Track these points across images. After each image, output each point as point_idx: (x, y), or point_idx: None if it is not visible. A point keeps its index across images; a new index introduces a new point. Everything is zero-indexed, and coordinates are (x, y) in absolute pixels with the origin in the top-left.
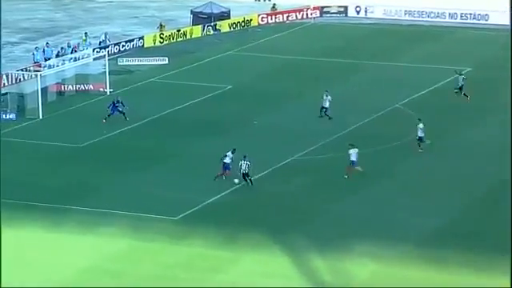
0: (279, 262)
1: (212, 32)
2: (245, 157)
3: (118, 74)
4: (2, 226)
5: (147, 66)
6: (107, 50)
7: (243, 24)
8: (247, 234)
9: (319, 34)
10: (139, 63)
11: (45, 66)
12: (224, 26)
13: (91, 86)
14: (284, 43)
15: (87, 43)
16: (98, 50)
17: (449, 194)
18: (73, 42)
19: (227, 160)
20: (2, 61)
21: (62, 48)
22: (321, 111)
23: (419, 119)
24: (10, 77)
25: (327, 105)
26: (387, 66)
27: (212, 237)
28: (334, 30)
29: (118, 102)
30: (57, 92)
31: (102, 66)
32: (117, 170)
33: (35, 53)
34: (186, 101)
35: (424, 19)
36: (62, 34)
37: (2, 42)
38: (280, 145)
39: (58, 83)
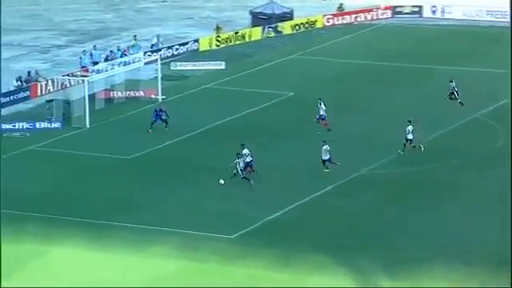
0: (343, 286)
1: (273, 34)
2: (239, 154)
3: (171, 79)
4: (43, 243)
5: (202, 70)
6: (159, 53)
7: (307, 25)
8: (309, 255)
9: (391, 37)
10: (194, 68)
11: (92, 71)
12: (286, 27)
13: (142, 93)
14: (352, 46)
15: (138, 46)
16: (150, 53)
17: None
18: (123, 45)
19: (248, 159)
20: (48, 65)
21: (111, 51)
22: (319, 120)
23: (409, 121)
24: (55, 82)
25: (322, 113)
26: (466, 72)
27: (271, 257)
28: (407, 31)
29: (160, 110)
30: (105, 99)
31: (153, 71)
32: (167, 184)
33: (82, 57)
34: (243, 109)
35: (506, 20)
36: (112, 37)
37: (48, 45)
38: (345, 158)
39: (106, 89)
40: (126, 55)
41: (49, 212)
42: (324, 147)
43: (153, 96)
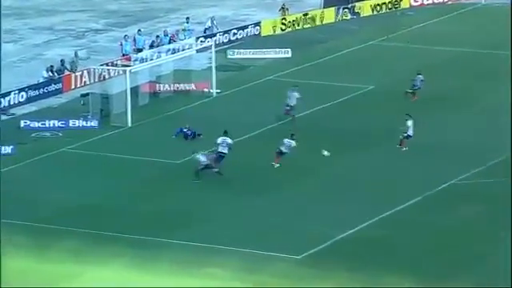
0: None
1: (349, 16)
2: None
3: (228, 70)
4: (77, 263)
5: (265, 60)
6: (214, 39)
7: (390, 5)
8: (389, 280)
9: (491, 19)
10: (254, 56)
11: (136, 60)
12: (365, 8)
13: (193, 86)
14: (444, 31)
15: (189, 31)
16: (203, 39)
17: None
18: (171, 30)
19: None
20: (83, 52)
21: (157, 37)
22: (287, 110)
23: (409, 115)
24: (92, 73)
25: (293, 103)
26: None
27: (342, 281)
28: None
29: (187, 129)
30: (150, 93)
31: (207, 60)
32: (224, 195)
33: (124, 43)
34: (314, 105)
35: None
36: (158, 19)
37: (84, 29)
38: (436, 164)
39: (151, 81)
40: (174, 41)
41: (84, 226)
42: (286, 141)
43: (206, 90)
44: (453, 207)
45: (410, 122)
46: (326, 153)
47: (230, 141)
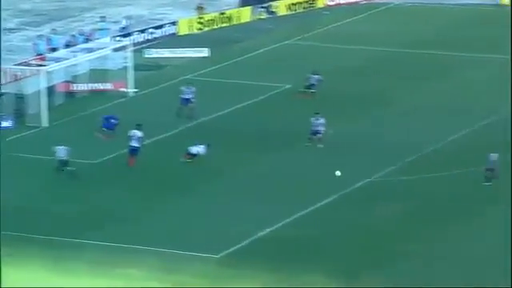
0: None
1: (265, 15)
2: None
3: (144, 69)
4: None
5: (182, 59)
6: (130, 38)
7: (306, 5)
8: (307, 278)
9: (406, 18)
10: (171, 56)
11: (50, 59)
12: (281, 7)
13: (109, 85)
14: (359, 30)
15: (105, 30)
16: (119, 38)
17: None
18: (86, 29)
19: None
20: None
21: (72, 36)
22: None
23: (317, 113)
24: (6, 73)
25: (188, 96)
26: (499, 60)
27: (264, 280)
28: (426, 12)
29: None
30: (66, 92)
31: (123, 60)
32: (142, 194)
33: (38, 42)
34: (231, 104)
35: None
36: (73, 18)
37: None
38: (353, 162)
39: (67, 81)
40: (90, 40)
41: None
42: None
43: (122, 89)
44: (369, 205)
45: (322, 120)
46: (338, 173)
47: (139, 134)
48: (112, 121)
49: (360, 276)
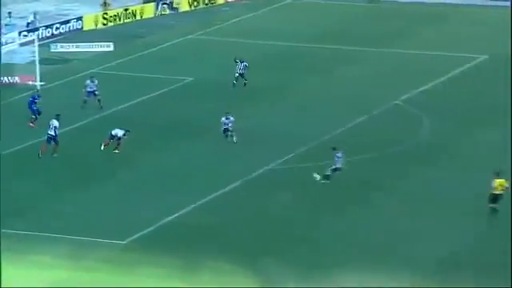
0: None
1: (168, 11)
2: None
3: (51, 63)
4: None
5: (87, 53)
6: (37, 33)
7: (207, 1)
8: (211, 262)
9: (303, 14)
10: (77, 50)
11: None
12: (183, 3)
13: (17, 79)
14: (258, 25)
15: (12, 25)
16: (26, 33)
17: (458, 213)
18: None
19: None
20: None
21: None
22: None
23: (227, 112)
24: None
25: (92, 89)
26: (386, 54)
27: (168, 265)
28: (322, 8)
29: (38, 97)
30: None
31: (30, 54)
32: (50, 184)
33: None
34: (135, 97)
35: None
36: None
37: None
38: (253, 151)
39: None
40: None
41: None
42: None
43: (30, 82)
44: (268, 192)
45: (231, 117)
46: (316, 176)
47: (56, 124)
48: (34, 105)
49: (260, 261)
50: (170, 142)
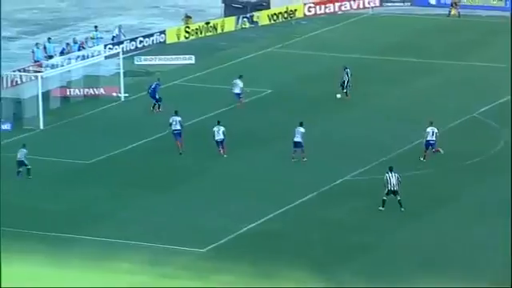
0: None
1: (248, 25)
2: None
3: (135, 75)
4: None
5: (169, 66)
6: (122, 46)
7: (286, 15)
8: (288, 271)
9: (379, 28)
10: (160, 63)
11: (47, 66)
12: (263, 17)
13: (102, 90)
14: (335, 38)
15: (98, 38)
16: (111, 46)
17: None
18: (80, 37)
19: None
20: None
21: (67, 44)
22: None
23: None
24: (5, 79)
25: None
26: (463, 66)
27: (246, 273)
28: (397, 22)
29: (159, 85)
30: (61, 97)
31: (115, 66)
32: (132, 192)
33: (35, 50)
34: (215, 108)
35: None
36: (68, 28)
37: None
38: (331, 162)
39: (62, 87)
40: (83, 48)
41: None
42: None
43: (114, 94)
44: (344, 202)
45: (301, 130)
46: (338, 95)
47: (179, 118)
48: (155, 93)
49: (332, 269)
50: (247, 152)
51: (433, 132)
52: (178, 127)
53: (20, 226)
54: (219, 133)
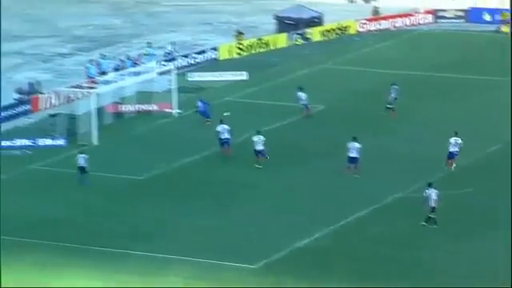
0: None
1: (300, 41)
2: None
3: (187, 91)
4: (43, 274)
5: (222, 82)
6: (174, 63)
7: (338, 31)
8: (340, 287)
9: (432, 44)
10: (212, 79)
11: (101, 82)
12: (315, 33)
13: (155, 106)
14: (388, 55)
15: (151, 55)
16: (164, 62)
17: None
18: (134, 54)
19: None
20: (51, 76)
21: (121, 60)
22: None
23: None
24: (59, 95)
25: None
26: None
27: None
28: (451, 38)
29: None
30: (114, 113)
31: (168, 83)
32: (184, 207)
33: (89, 66)
34: (268, 124)
35: None
36: (121, 44)
37: (51, 53)
38: (384, 178)
39: (115, 103)
40: (137, 64)
41: (51, 239)
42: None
43: (167, 110)
44: (399, 220)
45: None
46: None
47: (227, 126)
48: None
49: (388, 285)
50: (299, 168)
51: (456, 142)
52: (227, 135)
53: (74, 241)
54: (259, 143)
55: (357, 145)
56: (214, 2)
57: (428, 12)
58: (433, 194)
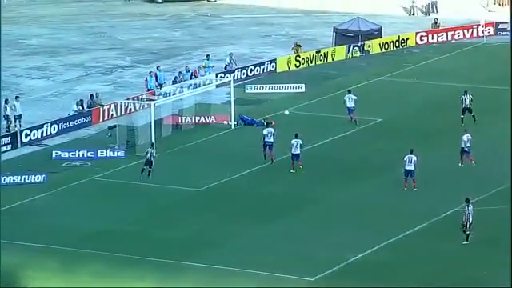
0: None
1: (359, 54)
2: None
3: (245, 103)
4: (101, 285)
5: (280, 94)
6: (233, 75)
7: (397, 44)
8: None
9: (493, 56)
10: (270, 91)
11: (159, 94)
12: (374, 46)
13: (213, 118)
14: (448, 67)
15: (209, 67)
16: (222, 75)
17: None
18: (192, 66)
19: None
20: (111, 88)
21: (179, 73)
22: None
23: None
24: (119, 107)
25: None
26: None
27: None
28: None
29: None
30: (173, 125)
31: (226, 95)
32: (241, 220)
33: (149, 78)
34: (325, 136)
35: None
36: (180, 57)
37: (111, 66)
38: (441, 192)
39: (174, 114)
40: (195, 77)
41: (110, 250)
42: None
43: (225, 122)
44: (456, 233)
45: (413, 157)
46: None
47: (272, 130)
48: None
49: None
50: (357, 181)
51: (467, 139)
52: (272, 139)
53: (133, 252)
54: (297, 147)
55: (414, 157)
56: (274, 15)
57: (488, 24)
58: (469, 209)
